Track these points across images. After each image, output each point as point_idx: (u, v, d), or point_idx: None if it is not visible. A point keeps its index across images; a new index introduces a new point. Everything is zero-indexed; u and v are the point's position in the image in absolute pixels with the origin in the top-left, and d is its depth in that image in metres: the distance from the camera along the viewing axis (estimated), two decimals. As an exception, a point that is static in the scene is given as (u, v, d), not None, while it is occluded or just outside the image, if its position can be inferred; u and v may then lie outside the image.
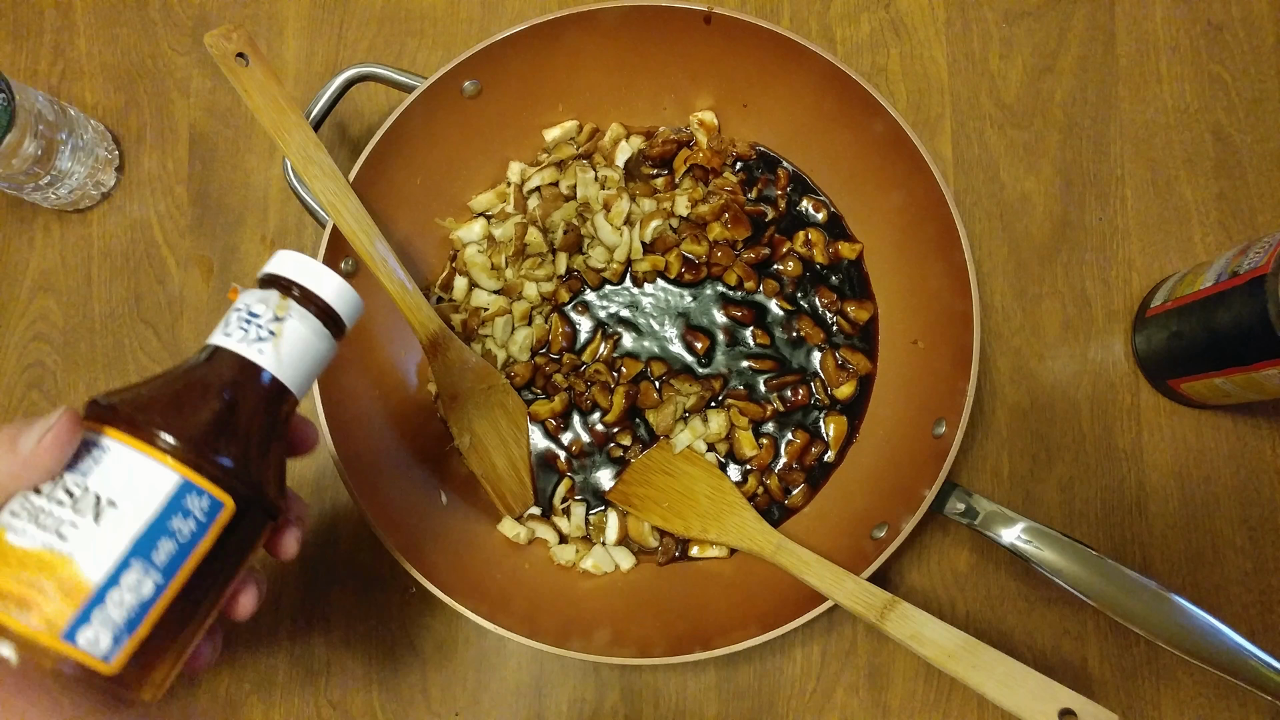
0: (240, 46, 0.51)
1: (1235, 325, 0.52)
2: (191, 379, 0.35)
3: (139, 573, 0.32)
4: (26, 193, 0.62)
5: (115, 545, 0.31)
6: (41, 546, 0.31)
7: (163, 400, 0.34)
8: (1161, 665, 0.59)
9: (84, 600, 0.31)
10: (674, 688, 0.60)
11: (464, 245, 0.62)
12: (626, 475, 0.59)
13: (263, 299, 0.36)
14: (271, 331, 0.36)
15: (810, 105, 0.59)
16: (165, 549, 0.32)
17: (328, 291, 0.37)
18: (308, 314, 0.36)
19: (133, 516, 0.32)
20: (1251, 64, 0.65)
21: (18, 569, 0.31)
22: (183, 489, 0.32)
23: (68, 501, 0.32)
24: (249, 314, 0.36)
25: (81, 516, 0.31)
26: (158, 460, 0.32)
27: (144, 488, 0.32)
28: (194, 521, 0.33)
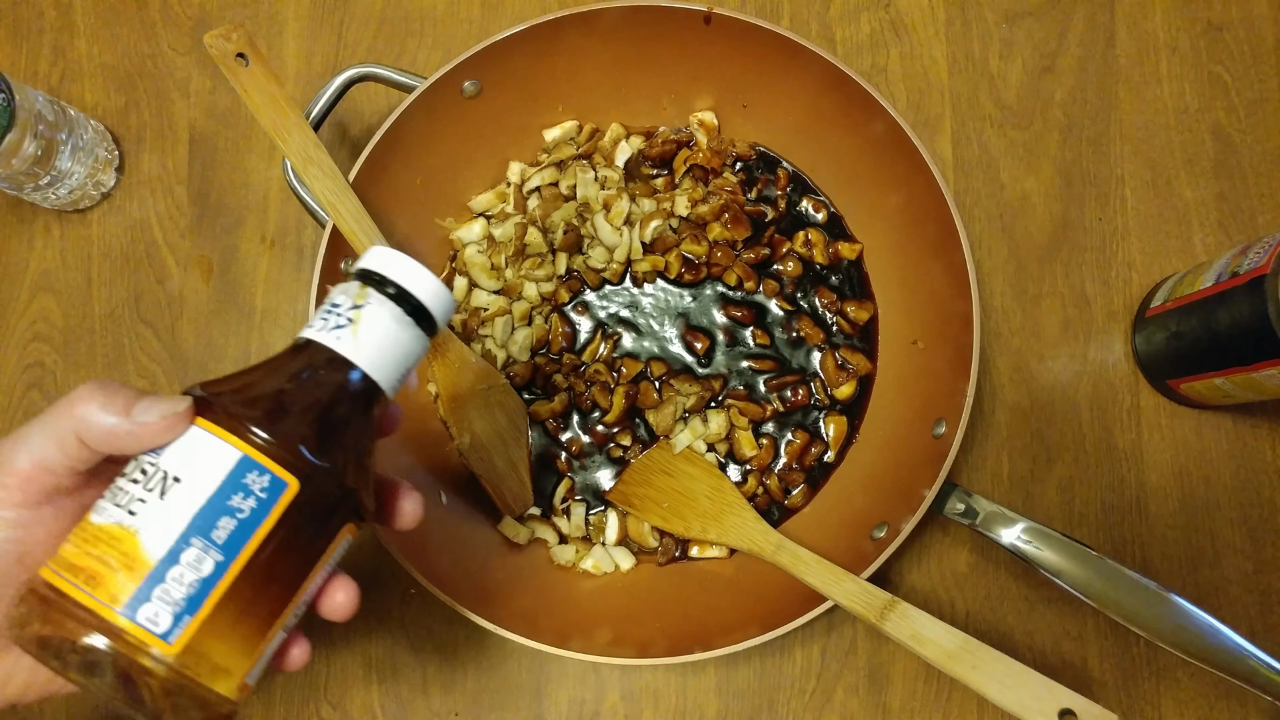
0: (240, 47, 0.51)
1: (1235, 325, 0.52)
2: (271, 365, 0.35)
3: (199, 550, 0.31)
4: (26, 193, 0.62)
5: (177, 521, 0.31)
6: (114, 522, 0.31)
7: (237, 383, 0.34)
8: (1161, 665, 0.59)
9: (145, 576, 0.31)
10: (674, 688, 0.60)
11: (464, 245, 0.62)
12: (626, 475, 0.59)
13: (344, 290, 0.36)
14: (349, 319, 0.35)
15: (810, 105, 0.59)
16: (225, 526, 0.32)
17: (407, 279, 0.36)
18: (386, 300, 0.36)
19: (194, 492, 0.32)
20: (1251, 64, 0.65)
21: (92, 544, 0.31)
22: (242, 465, 0.32)
23: (141, 479, 0.32)
24: (331, 304, 0.36)
25: (150, 492, 0.32)
26: (219, 436, 0.33)
27: (206, 463, 0.32)
28: (254, 499, 0.32)
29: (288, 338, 0.63)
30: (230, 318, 0.64)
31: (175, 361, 0.64)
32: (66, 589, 0.31)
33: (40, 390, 0.64)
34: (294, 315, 0.64)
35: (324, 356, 0.35)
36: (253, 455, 0.32)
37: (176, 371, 0.64)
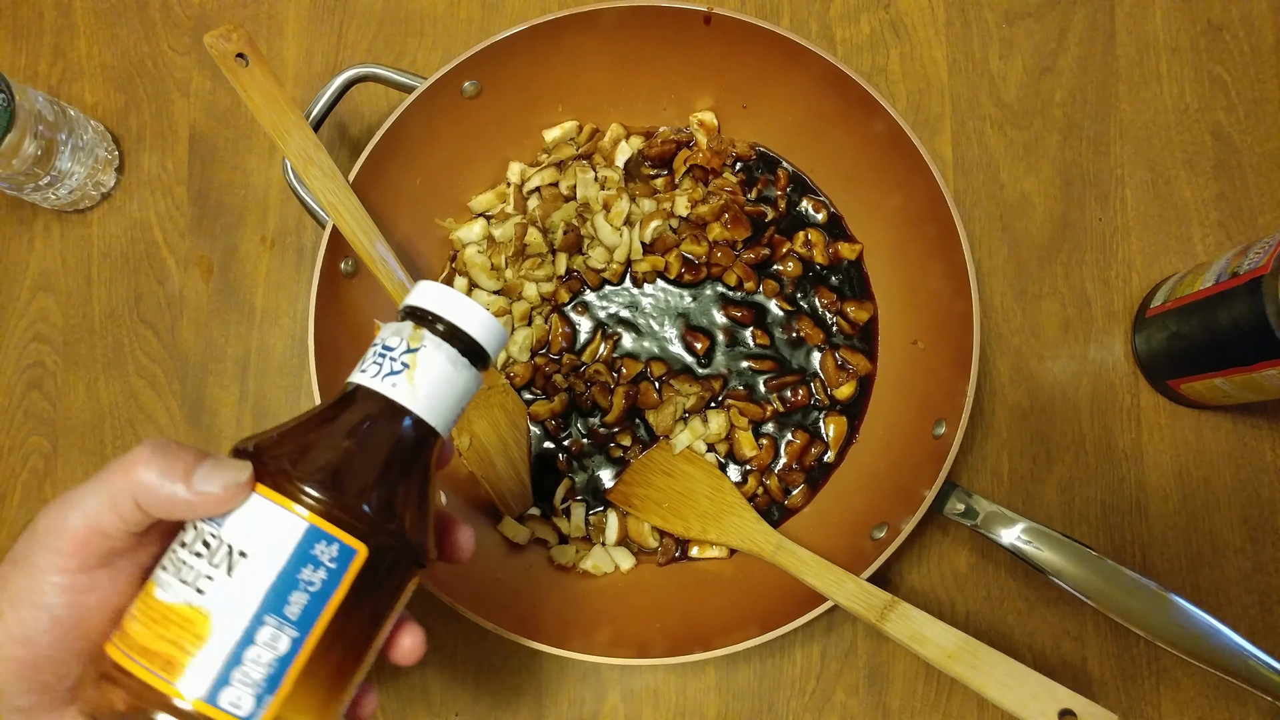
0: (240, 47, 0.51)
1: (1235, 326, 0.52)
2: (324, 419, 0.33)
3: (274, 628, 0.30)
4: (26, 193, 0.62)
5: (249, 600, 0.30)
6: (182, 601, 0.30)
7: (291, 442, 0.33)
8: (1161, 666, 0.59)
9: (224, 660, 0.30)
10: (674, 688, 0.60)
11: (464, 245, 0.62)
12: (626, 476, 0.59)
13: (397, 331, 0.34)
14: (405, 364, 0.33)
15: (810, 106, 0.59)
16: (298, 602, 0.31)
17: (463, 318, 0.34)
18: (443, 343, 0.34)
19: (263, 568, 0.31)
20: (1251, 64, 0.65)
21: (163, 625, 0.30)
22: (309, 536, 0.31)
23: (205, 552, 0.31)
24: (383, 348, 0.34)
25: (217, 569, 0.30)
26: (282, 506, 0.31)
27: (272, 536, 0.31)
28: (325, 570, 0.31)
29: (288, 338, 0.64)
30: (230, 318, 0.64)
31: (175, 361, 0.64)
32: (144, 676, 0.30)
33: (40, 390, 0.64)
34: (294, 315, 0.64)
35: (380, 406, 0.33)
36: (319, 525, 0.31)
37: (176, 371, 0.64)
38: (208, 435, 0.63)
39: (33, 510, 0.63)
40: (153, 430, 0.63)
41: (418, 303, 0.35)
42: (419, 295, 0.35)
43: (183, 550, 0.31)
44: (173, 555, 0.32)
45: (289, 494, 0.31)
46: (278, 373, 0.64)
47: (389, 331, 0.34)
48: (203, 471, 0.31)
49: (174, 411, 0.63)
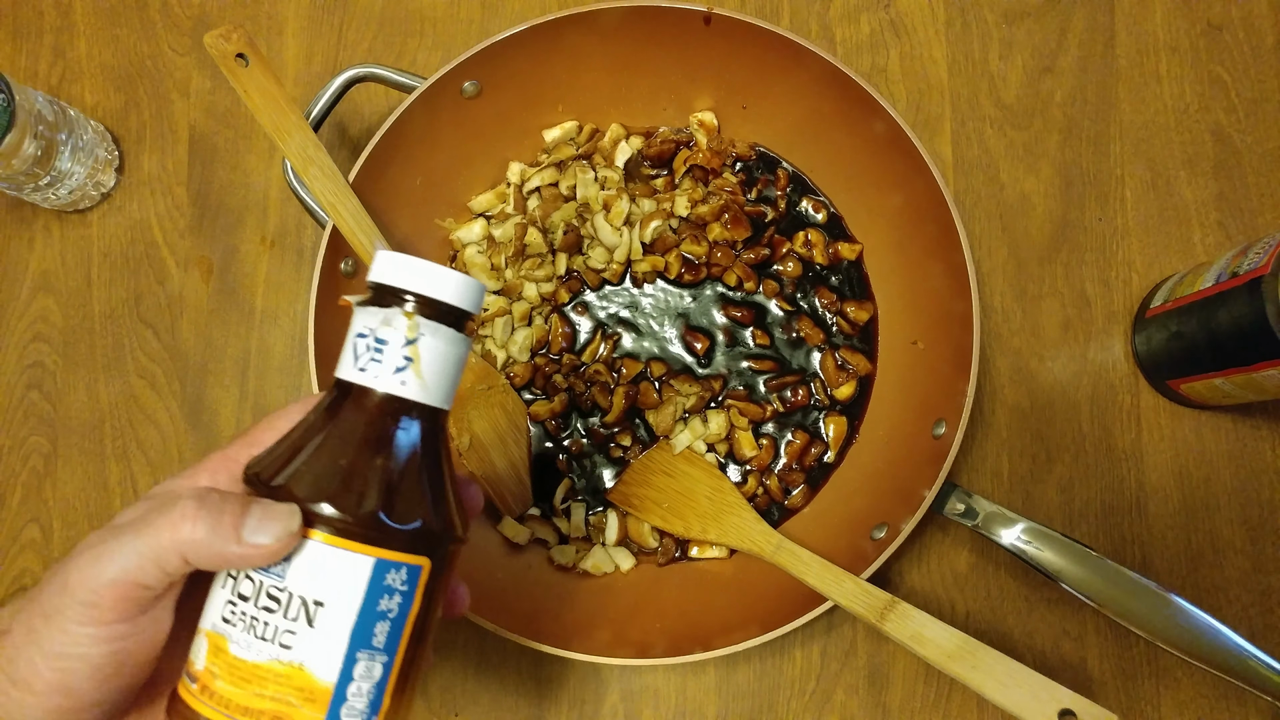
0: (240, 47, 0.51)
1: (1235, 326, 0.52)
2: (345, 436, 0.32)
3: (367, 660, 0.31)
4: (26, 193, 0.62)
5: (337, 644, 0.31)
6: (270, 659, 0.30)
7: (328, 476, 0.31)
8: (1161, 666, 0.59)
9: (329, 704, 0.31)
10: (674, 688, 0.60)
11: (464, 246, 0.62)
12: (626, 476, 0.59)
13: (387, 320, 0.32)
14: (408, 357, 0.32)
15: (810, 106, 0.59)
16: (382, 630, 0.31)
17: (452, 293, 0.33)
18: (439, 326, 0.33)
19: (343, 612, 0.31)
20: (1251, 64, 0.65)
21: (258, 684, 0.30)
22: (378, 570, 0.31)
23: (276, 608, 0.31)
24: (378, 340, 0.32)
25: (295, 622, 0.30)
26: (343, 548, 0.31)
27: (341, 581, 0.31)
28: (399, 595, 0.32)
29: (288, 338, 0.64)
30: (230, 318, 0.64)
31: (175, 361, 0.64)
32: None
33: (40, 390, 0.64)
34: (294, 315, 0.64)
35: (396, 409, 0.32)
36: (384, 556, 0.31)
37: (176, 371, 0.64)
38: (208, 435, 0.63)
39: (33, 510, 0.63)
40: (153, 431, 0.63)
41: (399, 284, 0.32)
42: (397, 275, 0.32)
43: (247, 605, 0.31)
44: (237, 610, 0.31)
45: (347, 535, 0.31)
46: (278, 373, 0.64)
47: (376, 320, 0.32)
48: (252, 523, 0.30)
49: (174, 411, 0.63)
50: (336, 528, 0.31)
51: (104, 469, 0.63)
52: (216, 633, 0.31)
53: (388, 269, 0.33)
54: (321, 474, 0.31)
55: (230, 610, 0.31)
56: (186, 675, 0.32)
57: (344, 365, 0.33)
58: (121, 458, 0.63)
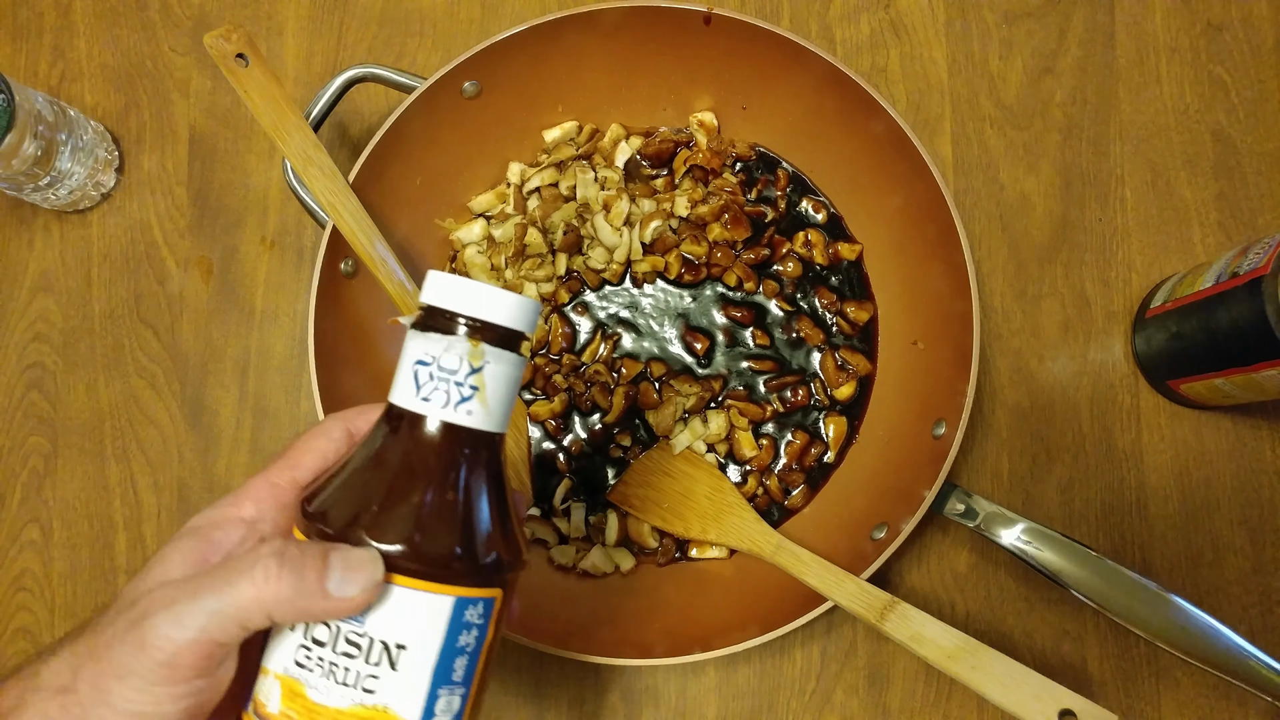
0: (240, 47, 0.51)
1: (1235, 326, 0.52)
2: (414, 471, 0.31)
3: (448, 695, 0.31)
4: (26, 193, 0.62)
5: (420, 685, 0.31)
6: (354, 704, 0.30)
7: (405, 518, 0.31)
8: (1161, 666, 0.59)
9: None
10: (674, 688, 0.60)
11: (464, 246, 0.62)
12: (626, 476, 0.59)
13: (450, 348, 0.31)
14: (474, 386, 0.32)
15: (810, 106, 0.59)
16: (460, 665, 0.32)
17: (515, 318, 0.32)
18: (503, 352, 0.32)
19: (424, 653, 0.31)
20: (1251, 65, 0.65)
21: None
22: (458, 608, 0.31)
23: (357, 653, 0.30)
24: (441, 369, 0.31)
25: (377, 667, 0.30)
26: (425, 590, 0.31)
27: (423, 623, 0.31)
28: (476, 628, 0.32)
29: (288, 338, 0.64)
30: (230, 318, 0.64)
31: (175, 361, 0.64)
32: None
33: (40, 390, 0.64)
34: (294, 315, 0.64)
35: (462, 438, 0.32)
36: (464, 594, 0.31)
37: (176, 372, 0.64)
38: (208, 435, 0.63)
39: (33, 510, 0.63)
40: (153, 431, 0.63)
41: (461, 309, 0.32)
42: (459, 300, 0.32)
43: (324, 650, 0.31)
44: (313, 655, 0.31)
45: (428, 578, 0.31)
46: (278, 373, 0.64)
47: (439, 348, 0.32)
48: (336, 577, 0.29)
49: (174, 412, 0.63)
50: (418, 572, 0.30)
51: (104, 469, 0.63)
52: (291, 677, 0.31)
53: (447, 294, 0.32)
54: (397, 516, 0.31)
55: (305, 655, 0.31)
56: (256, 715, 0.31)
57: (403, 393, 0.32)
58: (121, 458, 0.63)
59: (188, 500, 0.63)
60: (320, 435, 0.35)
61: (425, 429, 0.32)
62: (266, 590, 0.29)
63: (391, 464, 0.32)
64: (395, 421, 0.32)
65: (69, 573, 0.62)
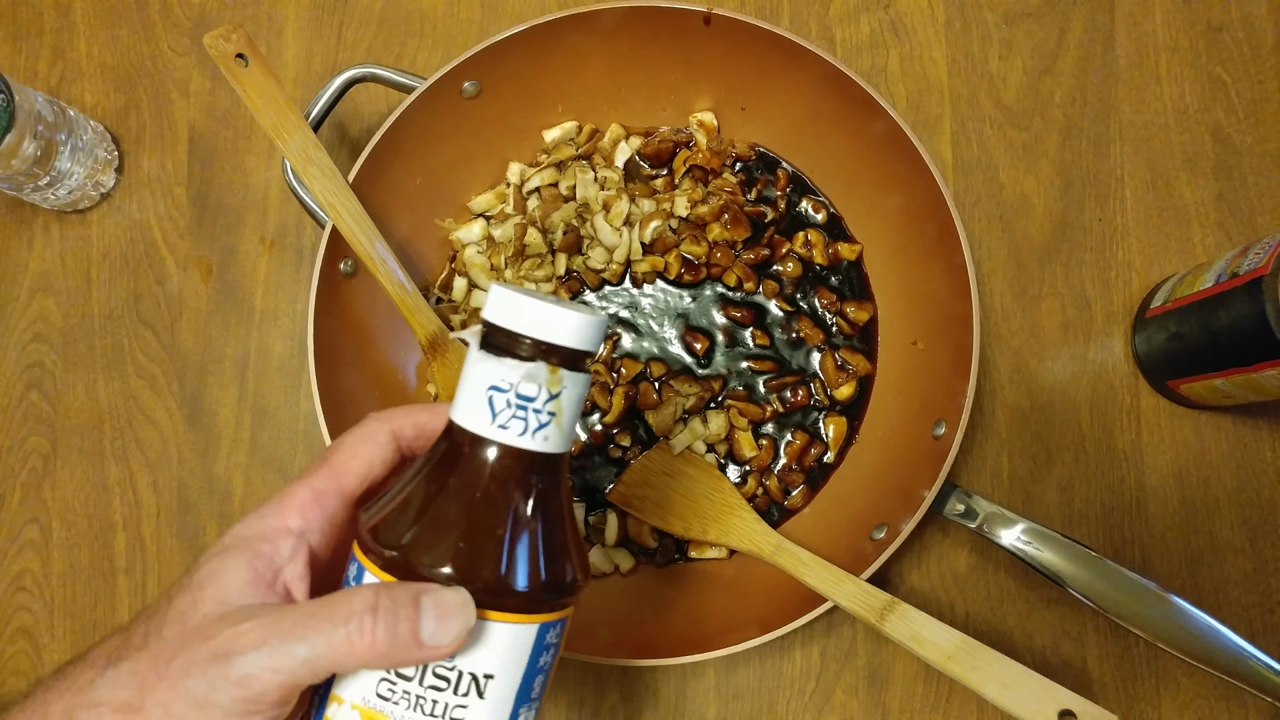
0: (239, 47, 0.51)
1: (1235, 326, 0.52)
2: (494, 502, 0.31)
3: (526, 712, 0.32)
4: (26, 193, 0.62)
5: (504, 707, 0.31)
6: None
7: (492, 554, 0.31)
8: (1161, 667, 0.59)
9: None
10: (673, 689, 0.59)
11: (463, 246, 0.62)
12: (626, 476, 0.59)
13: (529, 376, 0.30)
14: (551, 413, 0.31)
15: (810, 106, 0.59)
16: (539, 683, 0.33)
17: (588, 339, 0.31)
18: (579, 375, 0.32)
19: (511, 679, 0.31)
20: (1251, 65, 0.65)
21: None
22: (541, 633, 0.32)
23: (445, 687, 0.30)
24: (519, 398, 0.31)
25: (466, 697, 0.31)
26: (513, 623, 0.31)
27: (511, 652, 0.31)
28: (554, 648, 0.33)
29: (287, 338, 0.64)
30: (230, 318, 0.64)
31: (175, 362, 0.64)
32: None
33: (39, 390, 0.64)
34: (294, 315, 0.64)
35: (540, 464, 0.31)
36: (548, 619, 0.32)
37: (176, 372, 0.64)
38: (207, 435, 0.63)
39: (33, 510, 0.63)
40: (152, 431, 0.63)
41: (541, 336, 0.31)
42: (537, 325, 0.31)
43: (409, 684, 0.30)
44: (397, 689, 0.30)
45: (519, 610, 0.31)
46: (277, 373, 0.64)
47: (516, 375, 0.31)
48: (429, 626, 0.29)
49: (173, 412, 0.63)
50: (508, 606, 0.31)
51: (103, 469, 0.63)
52: (372, 710, 0.31)
53: (524, 317, 0.31)
54: (484, 553, 0.31)
55: (389, 689, 0.31)
56: None
57: (476, 419, 0.31)
58: (121, 458, 0.63)
59: (187, 500, 0.63)
60: (366, 440, 0.35)
61: (503, 457, 0.31)
62: (361, 644, 0.29)
63: (468, 492, 0.31)
64: (466, 446, 0.31)
65: (68, 573, 0.62)
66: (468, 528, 0.31)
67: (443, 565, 0.30)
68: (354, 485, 0.34)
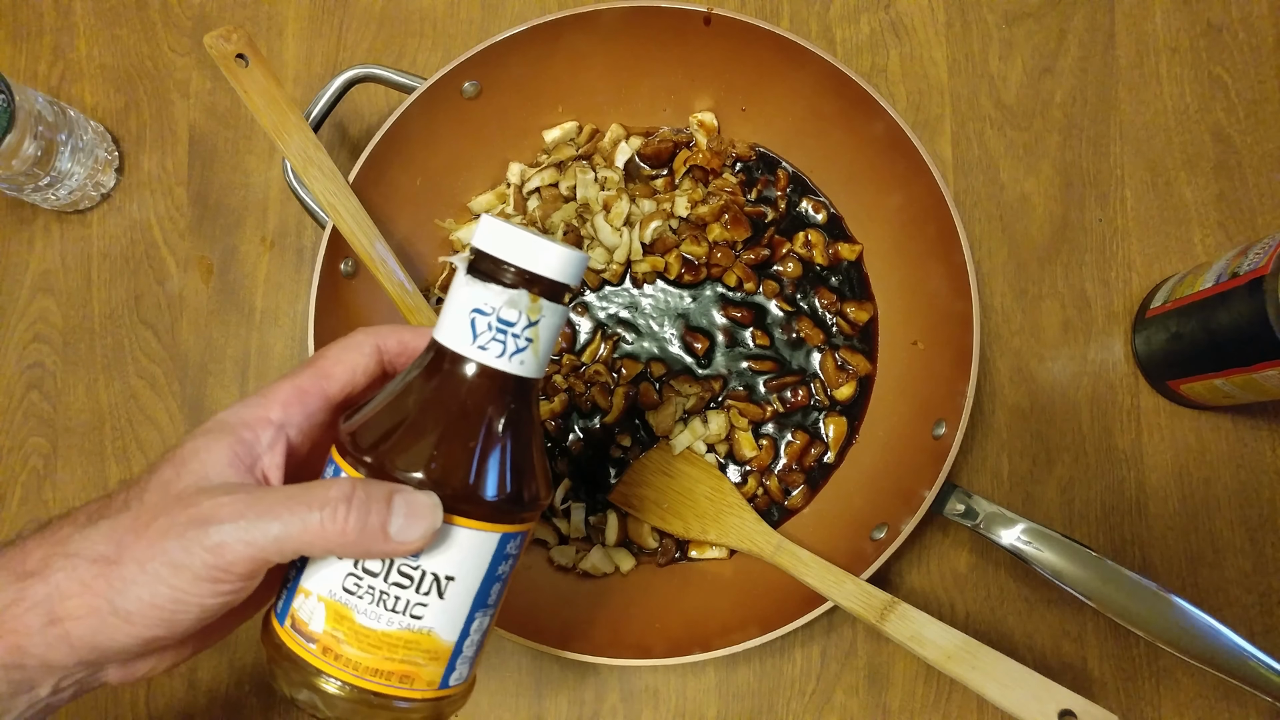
0: (240, 47, 0.51)
1: (1235, 326, 0.52)
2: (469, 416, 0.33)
3: (481, 617, 0.34)
4: (26, 194, 0.62)
5: (462, 609, 0.34)
6: (400, 628, 0.33)
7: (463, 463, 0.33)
8: (1161, 666, 0.59)
9: (449, 658, 0.34)
10: (673, 689, 0.59)
11: (464, 246, 0.62)
12: (626, 476, 0.59)
13: (511, 302, 0.32)
14: (529, 339, 0.33)
15: (810, 106, 0.59)
16: (496, 591, 0.35)
17: (572, 274, 0.33)
18: (558, 306, 0.33)
19: (470, 582, 0.33)
20: (1251, 65, 0.65)
21: (387, 650, 0.33)
22: (502, 542, 0.34)
23: (409, 584, 0.32)
24: (501, 322, 0.32)
25: (427, 596, 0.33)
26: (478, 530, 0.33)
27: (473, 556, 0.33)
28: (512, 559, 0.35)
29: (287, 338, 0.64)
30: (230, 318, 0.64)
31: (175, 362, 0.64)
32: (389, 691, 0.33)
33: (40, 391, 0.64)
34: (294, 315, 0.64)
35: (514, 386, 0.33)
36: (510, 530, 0.34)
37: (176, 372, 0.64)
38: (208, 436, 0.63)
39: (33, 510, 0.63)
40: (153, 431, 0.63)
41: (525, 264, 0.32)
42: (521, 254, 0.32)
43: (375, 580, 0.32)
44: (363, 584, 0.32)
45: (484, 518, 0.33)
46: (278, 373, 0.64)
47: (499, 300, 0.32)
48: (398, 522, 0.31)
49: (173, 412, 0.63)
50: (473, 513, 0.33)
51: (104, 469, 0.63)
52: (338, 602, 0.33)
53: (509, 246, 0.32)
54: (455, 461, 0.33)
55: (354, 583, 0.32)
56: (299, 633, 0.33)
57: (457, 338, 0.33)
58: (121, 458, 0.63)
59: (188, 500, 0.63)
60: (352, 349, 0.36)
61: (480, 375, 0.33)
62: (332, 530, 0.31)
63: (445, 406, 0.33)
64: (446, 363, 0.33)
65: (69, 573, 0.62)
66: (442, 437, 0.33)
67: (416, 470, 0.32)
68: (336, 389, 0.36)
